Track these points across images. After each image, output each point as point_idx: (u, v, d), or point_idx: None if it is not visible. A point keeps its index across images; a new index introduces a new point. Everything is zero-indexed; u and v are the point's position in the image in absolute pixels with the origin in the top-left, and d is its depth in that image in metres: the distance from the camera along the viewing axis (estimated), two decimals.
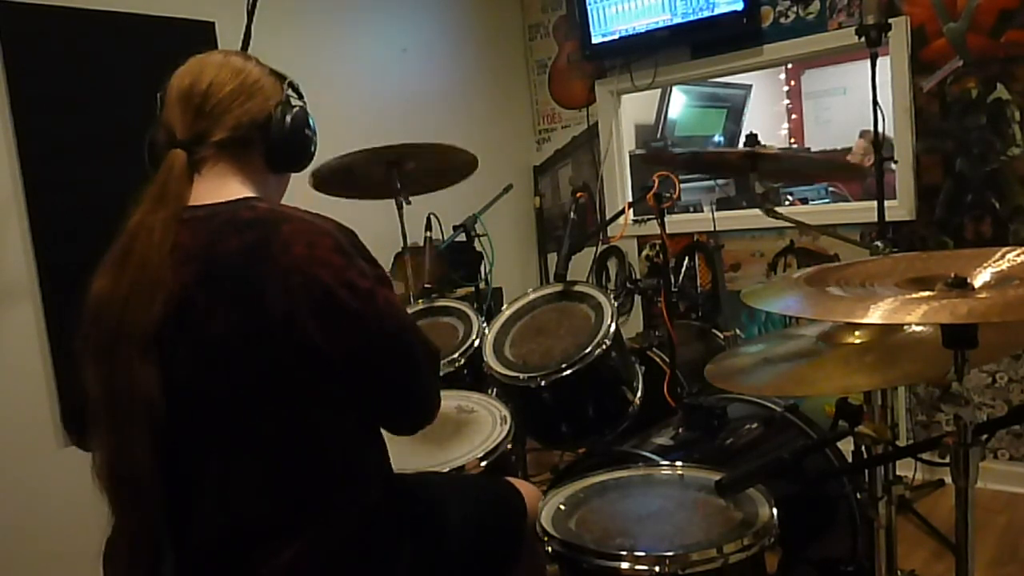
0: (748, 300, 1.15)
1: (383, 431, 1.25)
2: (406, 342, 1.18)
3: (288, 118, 1.23)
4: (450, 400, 1.98)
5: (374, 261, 1.18)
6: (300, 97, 1.29)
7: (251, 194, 1.20)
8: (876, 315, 0.98)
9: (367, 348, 1.13)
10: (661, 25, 3.51)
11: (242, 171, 1.22)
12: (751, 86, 5.34)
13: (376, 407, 1.20)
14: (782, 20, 3.31)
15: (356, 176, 2.52)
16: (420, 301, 2.56)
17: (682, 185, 2.93)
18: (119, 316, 1.05)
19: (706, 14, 3.39)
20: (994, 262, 1.11)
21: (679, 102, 4.95)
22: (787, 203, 4.52)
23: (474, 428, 1.85)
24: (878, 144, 2.57)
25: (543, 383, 2.02)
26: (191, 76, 1.19)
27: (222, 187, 1.19)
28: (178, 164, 1.15)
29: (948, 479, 1.36)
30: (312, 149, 1.31)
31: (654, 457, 1.77)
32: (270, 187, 1.28)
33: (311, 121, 1.29)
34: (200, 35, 2.68)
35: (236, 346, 1.06)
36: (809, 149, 5.84)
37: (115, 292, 1.07)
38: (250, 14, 2.09)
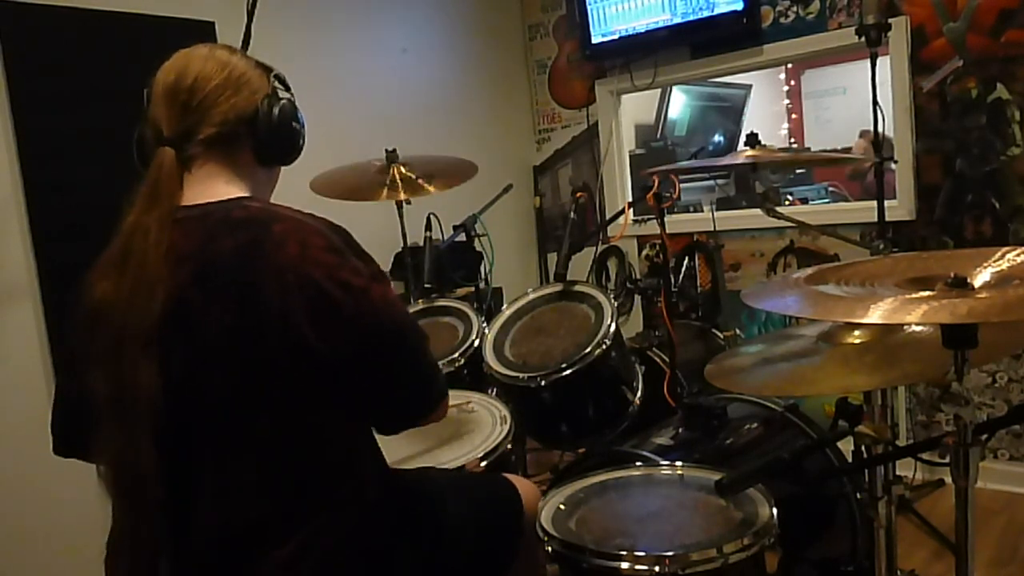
0: (748, 300, 1.15)
1: (382, 433, 1.25)
2: (404, 338, 1.18)
3: (275, 111, 1.22)
4: (450, 400, 1.98)
5: (369, 258, 1.17)
6: (287, 89, 1.27)
7: (243, 192, 1.20)
8: (876, 315, 0.98)
9: (363, 346, 1.12)
10: (661, 25, 3.51)
11: (232, 167, 1.21)
12: (751, 86, 5.34)
13: (376, 404, 1.19)
14: (782, 20, 3.30)
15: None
16: (420, 301, 2.56)
17: (682, 185, 2.93)
18: (123, 318, 1.05)
19: (706, 14, 3.39)
20: (994, 262, 1.10)
21: (679, 102, 4.94)
22: (787, 203, 4.52)
23: (474, 428, 1.85)
24: (878, 144, 2.57)
25: (543, 383, 2.02)
26: (176, 71, 1.18)
27: (213, 185, 1.18)
28: (168, 162, 1.14)
29: (948, 479, 1.36)
30: (300, 142, 1.29)
31: (654, 457, 1.77)
32: (260, 181, 1.27)
33: (299, 113, 1.27)
34: (200, 35, 2.66)
35: (231, 346, 1.06)
36: (809, 149, 5.84)
37: (118, 294, 1.07)
38: (250, 14, 2.09)
